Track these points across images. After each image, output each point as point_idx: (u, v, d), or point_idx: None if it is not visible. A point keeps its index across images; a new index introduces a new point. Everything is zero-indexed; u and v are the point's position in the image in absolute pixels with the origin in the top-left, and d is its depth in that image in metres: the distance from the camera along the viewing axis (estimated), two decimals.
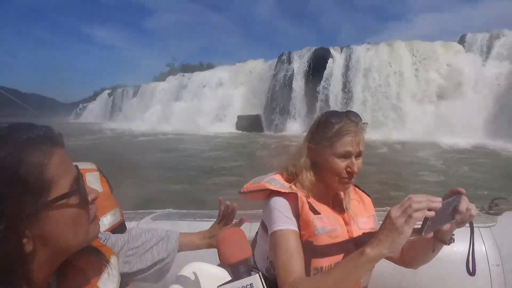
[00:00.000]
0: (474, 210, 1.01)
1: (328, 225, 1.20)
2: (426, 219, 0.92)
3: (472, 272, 1.07)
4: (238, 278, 0.88)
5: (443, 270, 1.66)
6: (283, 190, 1.24)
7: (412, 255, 1.31)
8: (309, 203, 1.22)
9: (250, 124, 29.71)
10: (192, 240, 1.32)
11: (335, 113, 1.26)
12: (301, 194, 1.23)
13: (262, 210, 1.43)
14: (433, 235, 1.13)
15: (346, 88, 26.54)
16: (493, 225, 1.74)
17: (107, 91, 58.08)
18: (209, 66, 43.98)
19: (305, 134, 1.35)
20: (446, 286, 1.66)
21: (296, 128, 27.26)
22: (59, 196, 0.61)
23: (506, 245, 1.65)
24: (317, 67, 28.23)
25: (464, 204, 1.00)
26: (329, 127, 1.22)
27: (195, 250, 1.34)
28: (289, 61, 30.48)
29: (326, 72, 27.62)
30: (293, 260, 1.13)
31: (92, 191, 0.71)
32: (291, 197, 1.22)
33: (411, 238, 0.94)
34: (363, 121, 1.26)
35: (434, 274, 1.67)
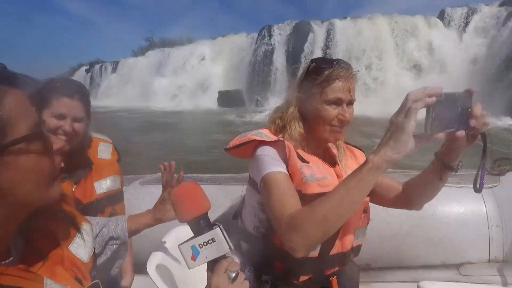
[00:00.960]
0: (487, 118, 0.89)
1: (317, 173, 1.13)
2: (428, 113, 0.83)
3: (478, 190, 0.97)
4: (199, 233, 0.82)
5: (441, 233, 1.64)
6: (268, 140, 1.16)
7: (416, 190, 1.24)
8: (297, 152, 1.15)
9: (231, 99, 29.34)
10: (139, 221, 1.28)
11: (324, 59, 1.20)
12: (290, 144, 1.16)
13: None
14: (441, 161, 1.05)
15: None
16: (495, 186, 1.71)
17: (84, 67, 55.86)
18: (190, 40, 42.68)
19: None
20: (443, 248, 1.64)
21: (277, 102, 27.11)
22: (16, 139, 0.54)
23: (507, 205, 1.63)
24: (298, 41, 28.01)
25: (479, 107, 0.87)
26: (319, 73, 1.16)
27: (148, 228, 1.31)
28: (270, 35, 30.08)
29: (306, 46, 27.41)
30: (288, 195, 1.04)
31: (58, 141, 0.63)
32: (278, 145, 1.15)
33: (421, 145, 0.85)
34: (355, 70, 1.21)
35: (432, 236, 1.65)
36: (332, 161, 1.26)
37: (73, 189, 1.39)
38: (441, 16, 25.79)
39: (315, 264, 1.14)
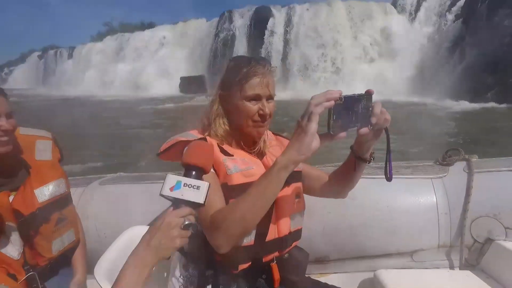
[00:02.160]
0: (388, 114, 0.98)
1: (241, 164, 1.16)
2: (330, 115, 0.90)
3: (389, 178, 1.06)
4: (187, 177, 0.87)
5: (394, 222, 1.68)
6: (191, 139, 1.16)
7: (338, 180, 1.30)
8: (221, 147, 1.18)
9: (193, 85, 28.79)
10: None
11: (242, 57, 1.24)
12: (213, 140, 1.19)
13: None
14: (354, 153, 1.14)
15: (287, 47, 26.54)
16: (445, 176, 1.76)
17: (36, 53, 52.59)
18: (151, 26, 41.25)
19: None
20: (397, 237, 1.68)
21: None
22: None
23: (454, 194, 1.69)
24: (258, 26, 27.84)
25: (378, 105, 0.97)
26: (237, 71, 1.17)
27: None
28: (231, 20, 29.64)
29: (267, 31, 27.30)
30: (213, 198, 1.07)
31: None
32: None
33: (325, 143, 0.93)
34: (272, 66, 1.21)
35: (387, 226, 1.68)
36: (259, 153, 1.27)
37: (11, 200, 1.21)
38: (395, 2, 26.43)
39: (251, 252, 1.15)
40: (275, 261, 1.21)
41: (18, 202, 1.22)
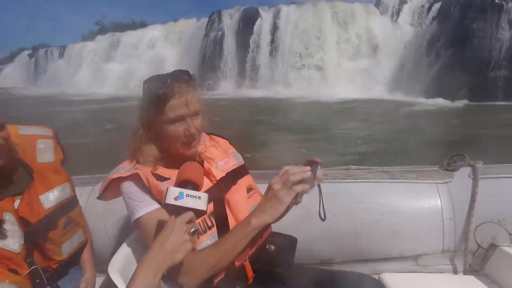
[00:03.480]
0: (322, 176, 1.09)
1: None
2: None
3: (323, 218, 1.12)
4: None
5: (399, 226, 1.63)
6: (123, 175, 1.10)
7: None
8: (156, 174, 1.11)
9: None
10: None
11: (156, 78, 1.13)
12: (145, 170, 1.11)
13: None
14: None
15: (274, 46, 26.51)
16: (450, 181, 1.72)
17: (26, 52, 51.12)
18: (142, 25, 40.58)
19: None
20: (402, 241, 1.64)
21: (228, 86, 27.10)
22: None
23: (459, 199, 1.65)
24: (246, 27, 27.71)
25: (321, 171, 1.07)
26: (154, 94, 1.09)
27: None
28: (220, 21, 29.41)
29: (254, 31, 27.19)
30: None
31: None
32: (134, 178, 1.10)
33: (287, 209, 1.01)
34: (192, 78, 1.16)
35: (391, 230, 1.64)
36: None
37: (16, 206, 1.12)
38: (378, 4, 26.56)
39: None
40: (247, 260, 1.16)
41: (24, 209, 1.13)
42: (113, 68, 33.66)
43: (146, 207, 1.07)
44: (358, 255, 1.69)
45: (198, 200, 0.92)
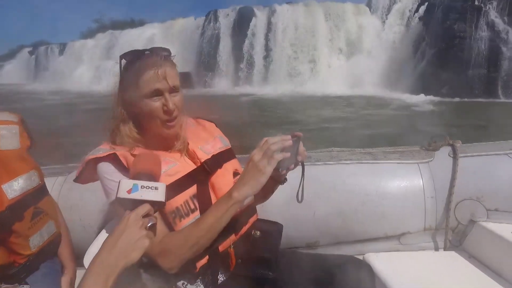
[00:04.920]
0: (305, 152, 1.04)
1: (162, 165, 0.98)
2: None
3: (300, 201, 1.08)
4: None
5: (384, 207, 1.62)
6: (100, 155, 1.01)
7: (257, 197, 1.21)
8: (134, 154, 1.02)
9: (181, 81, 28.18)
10: None
11: (132, 51, 1.06)
12: (124, 151, 1.02)
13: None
14: (273, 178, 1.08)
15: (268, 45, 26.43)
16: (431, 160, 1.71)
17: (27, 49, 50.29)
18: (141, 23, 40.15)
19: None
20: (386, 221, 1.63)
21: (224, 84, 27.01)
22: None
23: (440, 177, 1.64)
24: (242, 26, 27.53)
25: (302, 146, 1.02)
26: (130, 67, 1.03)
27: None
28: (216, 20, 29.20)
29: (250, 30, 27.05)
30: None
31: None
32: (111, 158, 1.01)
33: (270, 180, 0.96)
34: (171, 55, 1.09)
35: (375, 211, 1.62)
36: (180, 146, 1.12)
37: None
38: (369, 4, 26.49)
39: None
40: (232, 247, 1.10)
41: None
42: (113, 65, 33.31)
43: None
44: (344, 237, 1.67)
45: (154, 191, 0.80)
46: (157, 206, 0.81)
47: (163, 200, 0.81)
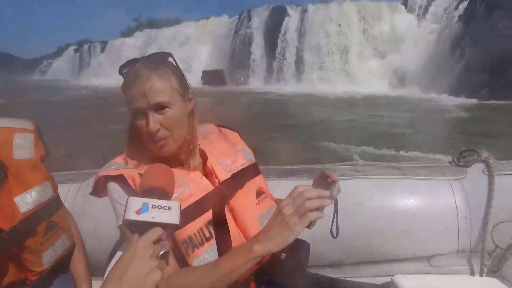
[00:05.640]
0: (338, 191, 0.90)
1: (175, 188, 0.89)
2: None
3: (336, 236, 0.96)
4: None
5: (412, 226, 1.49)
6: (111, 173, 0.92)
7: None
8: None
9: (214, 78, 28.73)
10: None
11: (129, 62, 0.94)
12: (131, 170, 0.93)
13: None
14: None
15: (300, 44, 26.15)
16: (463, 178, 1.56)
17: (72, 47, 53.03)
18: (177, 22, 41.17)
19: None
20: (415, 241, 1.50)
21: (256, 81, 27.10)
22: None
23: (474, 197, 1.50)
24: (274, 25, 27.54)
25: (337, 189, 0.88)
26: (124, 80, 0.91)
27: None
28: (249, 19, 29.31)
29: (282, 29, 26.89)
30: None
31: None
32: (119, 179, 0.91)
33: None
34: (166, 62, 0.93)
35: (403, 229, 1.49)
36: (195, 161, 1.00)
37: None
38: (405, 1, 25.48)
39: None
40: (252, 277, 0.97)
41: None
42: None
43: None
44: (369, 256, 1.56)
45: (167, 211, 0.69)
46: (171, 229, 0.70)
47: (178, 223, 0.70)
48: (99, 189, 0.96)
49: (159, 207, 0.69)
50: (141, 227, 0.67)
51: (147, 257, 0.62)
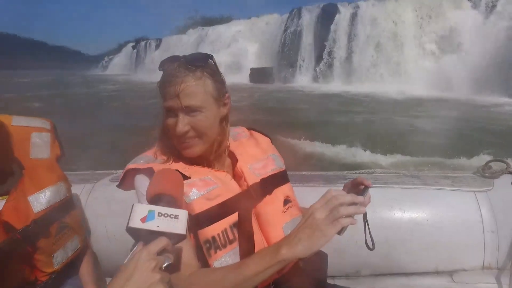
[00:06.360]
0: (369, 199, 0.88)
1: (202, 187, 0.89)
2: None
3: (372, 248, 0.92)
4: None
5: (435, 238, 1.44)
6: (139, 166, 0.92)
7: None
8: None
9: (262, 76, 28.92)
10: None
11: (170, 59, 0.93)
12: (161, 162, 0.93)
13: None
14: None
15: (351, 42, 25.34)
16: (490, 189, 1.49)
17: (131, 44, 56.39)
18: (228, 19, 42.17)
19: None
20: (437, 254, 1.45)
21: (303, 80, 26.82)
22: None
23: (502, 210, 1.42)
24: (325, 22, 27.02)
25: (368, 197, 0.86)
26: (162, 76, 0.92)
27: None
28: (299, 16, 29.05)
29: (332, 27, 26.30)
30: (184, 251, 0.85)
31: None
32: (148, 172, 0.91)
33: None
34: (205, 65, 0.92)
35: (425, 242, 1.45)
36: (226, 163, 1.01)
37: (0, 208, 0.92)
38: None
39: None
40: (272, 286, 0.94)
41: (9, 212, 0.92)
42: None
43: None
44: (388, 268, 1.51)
45: (174, 220, 0.67)
46: (176, 239, 0.67)
47: (184, 233, 0.67)
48: (126, 182, 0.97)
49: (166, 215, 0.67)
50: (146, 236, 0.65)
51: (149, 270, 0.60)
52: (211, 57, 0.94)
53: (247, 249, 0.88)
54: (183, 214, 0.68)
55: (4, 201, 0.92)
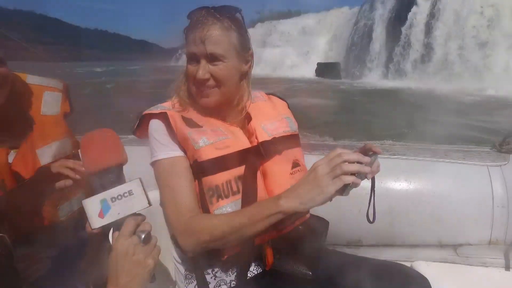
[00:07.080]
0: (379, 168, 0.84)
1: (212, 136, 0.91)
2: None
3: (372, 221, 0.90)
4: (112, 187, 0.66)
5: (440, 211, 1.43)
6: (154, 111, 0.94)
7: None
8: (188, 119, 0.94)
9: (328, 71, 28.36)
10: None
11: (197, 9, 0.92)
12: (176, 111, 0.95)
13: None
14: None
15: (429, 37, 23.35)
16: (504, 164, 1.44)
17: None
18: (297, 13, 41.91)
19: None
20: (441, 227, 1.43)
21: (372, 76, 25.59)
22: None
23: None
24: (399, 15, 25.23)
25: (377, 165, 0.83)
26: (189, 24, 0.92)
27: None
28: (372, 9, 27.73)
29: (408, 20, 24.49)
30: (180, 195, 0.89)
31: None
32: (162, 118, 0.94)
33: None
34: (233, 17, 0.92)
35: (430, 213, 1.43)
36: (240, 118, 1.01)
37: (11, 159, 0.97)
38: None
39: None
40: (269, 242, 0.96)
41: (19, 164, 0.98)
42: (268, 52, 35.71)
43: (165, 151, 0.92)
44: (390, 239, 1.50)
45: (130, 198, 0.65)
46: (143, 211, 0.67)
47: (147, 204, 0.66)
48: (141, 130, 0.99)
49: (119, 196, 0.64)
50: (114, 224, 0.65)
51: (131, 252, 0.62)
52: (239, 10, 0.95)
53: (248, 204, 0.88)
54: (135, 184, 0.65)
55: (15, 153, 0.99)
